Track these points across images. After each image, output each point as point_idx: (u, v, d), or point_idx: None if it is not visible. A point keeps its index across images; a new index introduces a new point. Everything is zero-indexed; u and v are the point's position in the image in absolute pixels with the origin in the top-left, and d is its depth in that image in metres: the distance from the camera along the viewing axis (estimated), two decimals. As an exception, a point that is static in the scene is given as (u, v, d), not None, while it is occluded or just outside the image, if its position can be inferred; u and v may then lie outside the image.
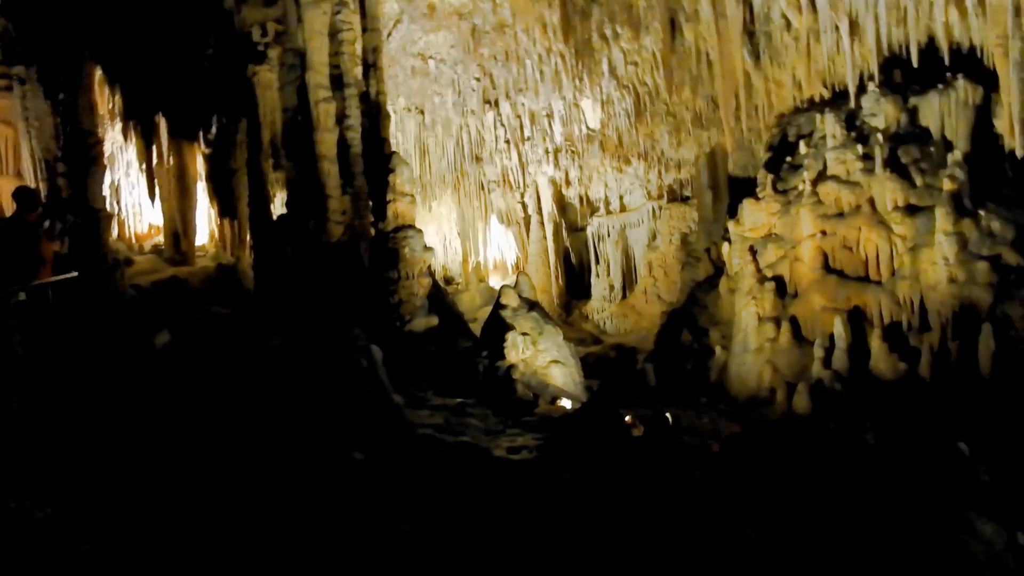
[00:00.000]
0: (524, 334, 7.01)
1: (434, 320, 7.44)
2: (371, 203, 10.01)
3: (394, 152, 7.75)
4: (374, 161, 10.31)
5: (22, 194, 9.39)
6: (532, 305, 7.18)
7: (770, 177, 8.97)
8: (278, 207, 13.47)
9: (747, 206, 8.99)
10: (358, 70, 10.42)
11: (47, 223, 9.67)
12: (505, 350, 7.16)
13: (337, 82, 10.02)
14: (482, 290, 15.46)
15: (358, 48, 10.43)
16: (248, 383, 9.11)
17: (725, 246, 9.21)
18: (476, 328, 10.14)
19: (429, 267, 7.50)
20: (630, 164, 13.77)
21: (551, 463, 5.18)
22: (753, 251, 8.85)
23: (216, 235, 15.65)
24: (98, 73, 13.39)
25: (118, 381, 8.50)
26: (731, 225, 9.15)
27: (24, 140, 13.44)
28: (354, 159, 9.94)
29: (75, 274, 9.53)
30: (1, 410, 6.52)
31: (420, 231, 7.17)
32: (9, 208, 14.34)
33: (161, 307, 12.15)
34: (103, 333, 10.23)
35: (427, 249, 7.21)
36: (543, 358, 7.35)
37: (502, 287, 7.09)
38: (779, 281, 8.73)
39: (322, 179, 9.29)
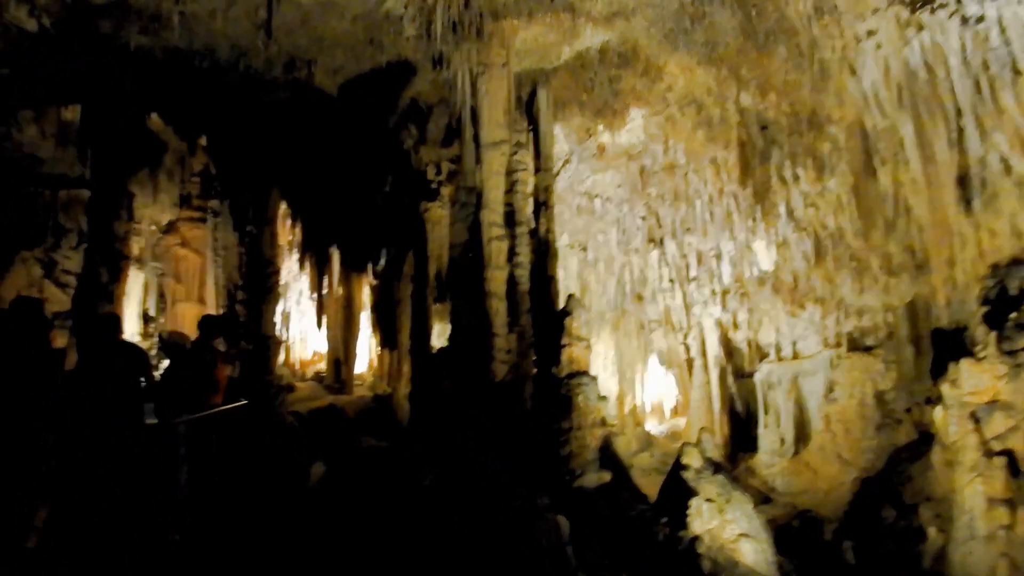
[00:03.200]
0: (709, 500, 6.18)
1: (606, 476, 6.77)
2: (535, 344, 9.74)
3: (572, 295, 7.43)
4: (541, 300, 10.09)
5: (207, 322, 9.75)
6: (717, 467, 6.37)
7: (993, 334, 7.87)
8: (436, 339, 13.53)
9: (965, 367, 7.87)
10: (530, 208, 10.41)
11: (225, 348, 9.96)
12: (688, 518, 6.32)
13: (509, 220, 10.00)
14: (639, 435, 14.57)
15: (530, 187, 10.46)
16: (399, 525, 8.68)
17: (938, 411, 8.03)
18: (634, 476, 9.34)
19: (603, 418, 6.92)
20: (805, 309, 12.80)
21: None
22: (975, 419, 7.65)
23: (374, 364, 15.91)
24: (282, 207, 14.34)
25: (273, 515, 8.31)
26: (945, 387, 8.01)
27: (211, 268, 14.42)
28: (522, 297, 9.74)
29: (244, 402, 9.68)
30: (161, 541, 6.36)
31: (595, 378, 6.68)
32: (190, 330, 15.18)
33: (318, 436, 12.21)
34: (262, 462, 10.24)
35: (601, 399, 6.67)
36: (731, 530, 6.44)
37: (684, 446, 6.36)
38: (1010, 456, 7.44)
39: (490, 316, 9.07)
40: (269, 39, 8.51)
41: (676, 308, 14.24)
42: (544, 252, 10.40)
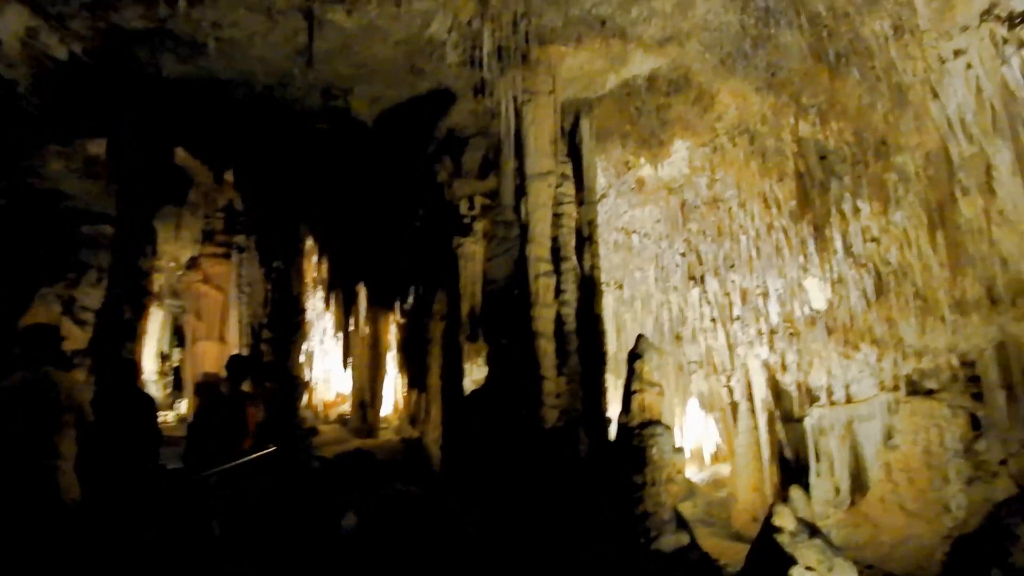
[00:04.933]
0: (809, 568, 5.49)
1: (685, 539, 6.09)
2: (584, 387, 9.12)
3: (642, 336, 6.85)
4: (587, 340, 9.50)
5: (236, 363, 9.19)
6: (814, 530, 5.68)
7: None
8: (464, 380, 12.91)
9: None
10: (573, 243, 9.88)
11: (252, 390, 9.36)
12: (784, 588, 5.62)
13: (554, 255, 9.45)
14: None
15: (574, 221, 9.94)
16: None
17: None
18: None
19: (679, 472, 6.27)
20: (859, 350, 12.13)
21: None
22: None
23: (400, 406, 15.29)
24: (308, 242, 13.89)
25: (307, 568, 7.72)
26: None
27: (234, 305, 13.91)
28: (568, 337, 9.16)
29: (273, 448, 9.07)
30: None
31: (669, 428, 6.05)
32: (211, 368, 14.56)
33: (346, 482, 11.57)
34: (292, 512, 9.62)
35: (677, 451, 6.03)
36: (831, 601, 5.72)
37: (774, 506, 5.70)
38: None
39: (538, 357, 8.47)
40: (309, 66, 8.08)
41: (719, 349, 13.59)
42: (589, 289, 9.83)
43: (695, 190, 12.39)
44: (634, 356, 6.53)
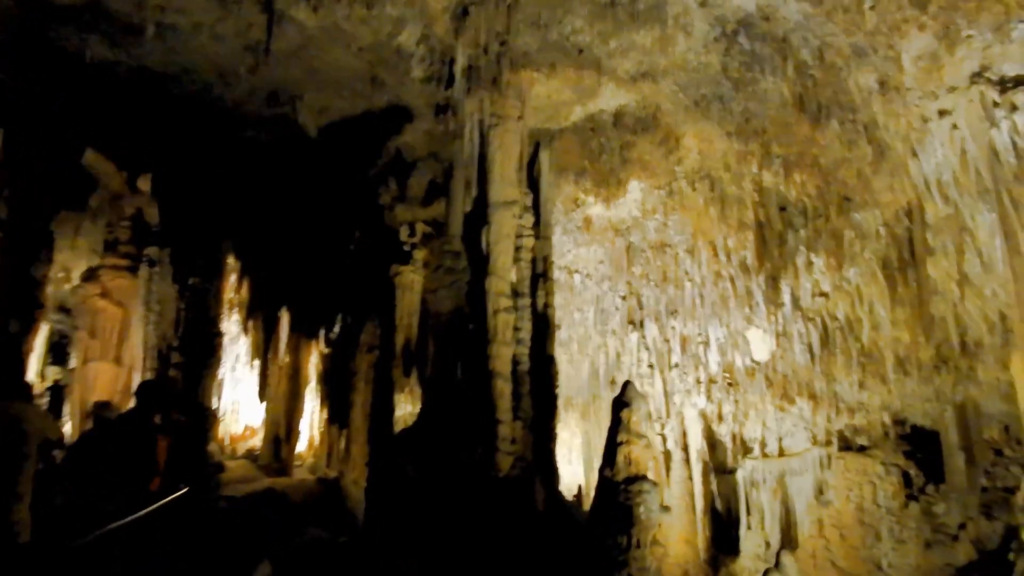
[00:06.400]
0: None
1: (665, 608, 5.56)
2: (535, 433, 8.55)
3: (629, 382, 6.35)
4: (540, 382, 8.96)
5: (145, 390, 8.15)
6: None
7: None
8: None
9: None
10: (529, 280, 9.37)
11: (161, 423, 8.33)
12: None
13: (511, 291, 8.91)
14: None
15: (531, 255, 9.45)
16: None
17: None
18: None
19: (664, 534, 5.75)
20: (794, 403, 12.11)
21: None
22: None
23: (317, 443, 14.21)
24: (229, 260, 12.82)
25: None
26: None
27: (139, 324, 12.61)
28: (522, 378, 8.58)
29: (185, 489, 8.06)
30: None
31: (656, 484, 5.56)
32: (103, 392, 13.12)
33: (258, 526, 10.53)
34: (200, 559, 8.68)
35: (664, 509, 5.54)
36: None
37: (769, 572, 5.28)
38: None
39: (494, 399, 7.84)
40: (267, 58, 7.32)
41: (655, 395, 13.30)
42: (543, 329, 9.32)
43: (643, 233, 12.15)
44: (621, 404, 6.03)
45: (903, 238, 8.01)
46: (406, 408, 12.88)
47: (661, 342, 13.12)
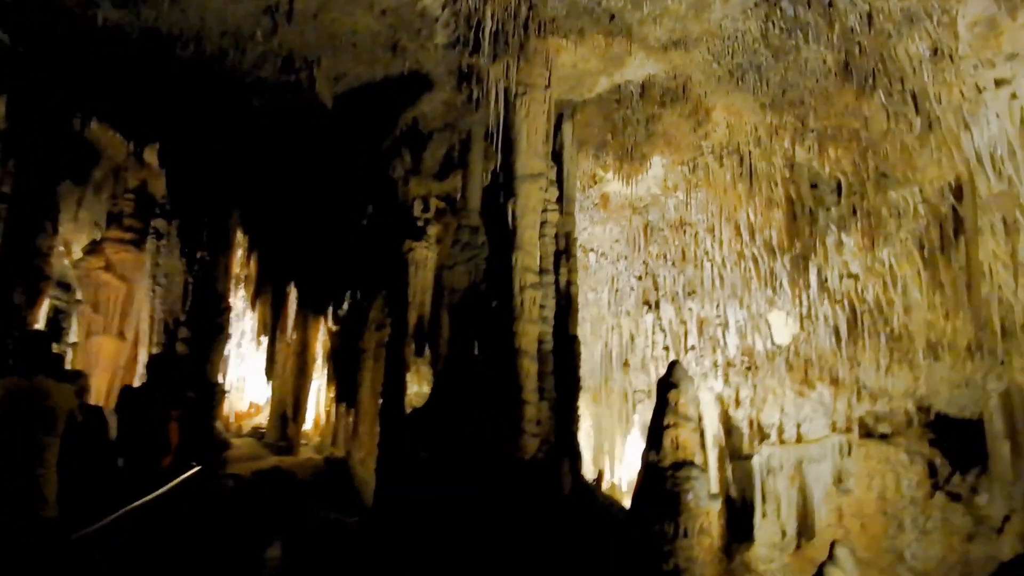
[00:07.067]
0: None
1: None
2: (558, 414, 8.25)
3: (676, 362, 6.06)
4: (562, 363, 8.65)
5: (156, 365, 7.85)
6: (858, 593, 5.02)
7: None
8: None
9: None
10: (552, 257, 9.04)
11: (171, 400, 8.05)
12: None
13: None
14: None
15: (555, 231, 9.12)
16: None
17: None
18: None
19: (713, 523, 5.49)
20: (814, 388, 11.84)
21: None
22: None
23: (323, 421, 13.94)
24: (237, 234, 12.47)
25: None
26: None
27: (145, 299, 12.28)
28: (546, 357, 8.28)
29: (197, 468, 7.81)
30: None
31: (704, 471, 5.27)
32: (106, 367, 12.80)
33: (265, 506, 10.29)
34: (210, 539, 8.45)
35: (713, 497, 5.27)
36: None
37: (825, 566, 5.01)
38: None
39: (520, 379, 7.54)
40: (288, 23, 6.94)
41: (670, 379, 13.01)
42: (565, 307, 9.01)
43: (662, 211, 11.83)
44: (668, 385, 5.73)
45: (946, 216, 7.68)
46: (413, 388, 12.58)
47: (677, 324, 12.84)
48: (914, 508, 10.56)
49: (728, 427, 12.79)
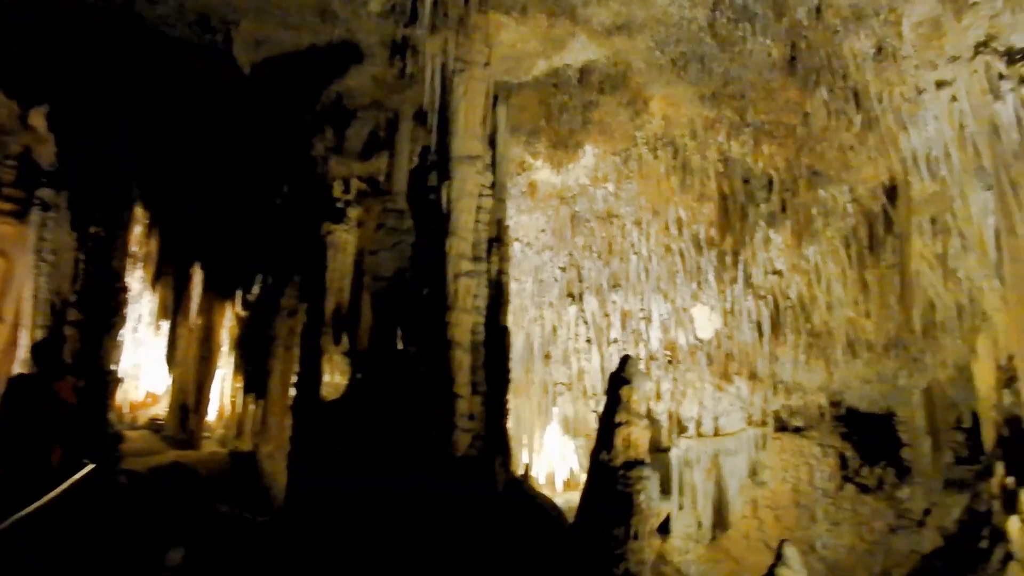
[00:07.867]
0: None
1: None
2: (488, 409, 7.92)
3: (629, 356, 5.82)
4: (492, 354, 8.32)
5: (42, 351, 7.05)
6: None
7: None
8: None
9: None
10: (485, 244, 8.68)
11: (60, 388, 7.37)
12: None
13: (467, 254, 8.19)
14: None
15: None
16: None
17: (1013, 522, 7.13)
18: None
19: (661, 524, 5.27)
20: (732, 383, 11.99)
21: None
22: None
23: (227, 413, 13.08)
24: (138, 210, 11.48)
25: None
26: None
27: (29, 276, 11.12)
28: (477, 349, 7.92)
29: (92, 466, 7.19)
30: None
31: (656, 471, 5.06)
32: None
33: (164, 504, 9.50)
34: (103, 541, 7.65)
35: (664, 497, 5.05)
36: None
37: (776, 567, 4.89)
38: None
39: (452, 371, 7.16)
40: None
41: (591, 371, 12.94)
42: (497, 297, 8.66)
43: (590, 202, 11.65)
44: (620, 381, 5.49)
45: (876, 215, 7.78)
46: (328, 378, 12.00)
47: (601, 316, 12.74)
48: (826, 499, 10.83)
49: (648, 420, 12.79)
